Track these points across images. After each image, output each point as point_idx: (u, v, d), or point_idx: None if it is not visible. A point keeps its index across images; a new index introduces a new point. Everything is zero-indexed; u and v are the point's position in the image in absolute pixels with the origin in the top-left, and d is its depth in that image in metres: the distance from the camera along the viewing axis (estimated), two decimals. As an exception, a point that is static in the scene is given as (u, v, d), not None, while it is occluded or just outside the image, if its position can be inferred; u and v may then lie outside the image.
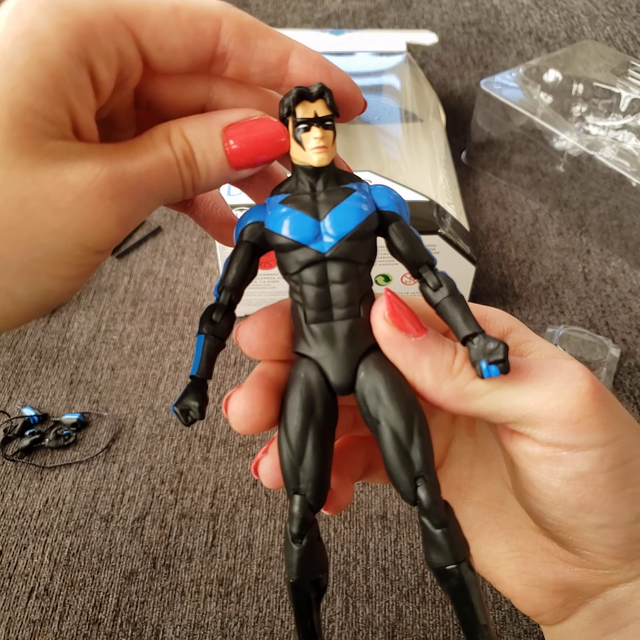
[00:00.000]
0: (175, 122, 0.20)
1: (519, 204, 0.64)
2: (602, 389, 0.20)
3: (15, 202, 0.17)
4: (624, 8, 0.91)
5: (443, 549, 0.20)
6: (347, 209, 0.20)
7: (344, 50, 0.67)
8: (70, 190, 0.17)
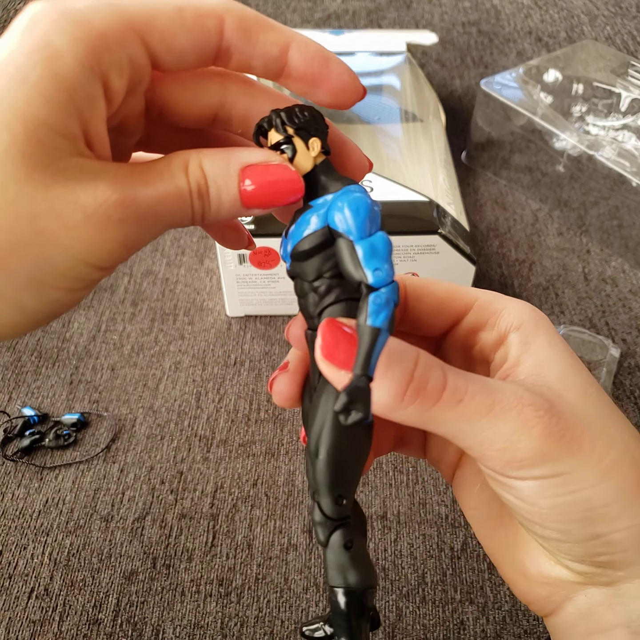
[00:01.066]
0: (195, 153, 0.20)
1: (519, 204, 0.64)
2: (559, 429, 0.20)
3: (26, 217, 0.17)
4: (624, 8, 0.91)
5: (326, 566, 0.21)
6: (296, 228, 0.21)
7: (344, 50, 0.67)
8: (80, 210, 0.18)
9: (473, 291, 0.25)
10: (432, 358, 0.20)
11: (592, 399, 0.21)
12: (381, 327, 0.18)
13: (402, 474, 0.44)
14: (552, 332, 0.23)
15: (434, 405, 0.19)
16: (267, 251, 0.48)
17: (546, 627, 0.37)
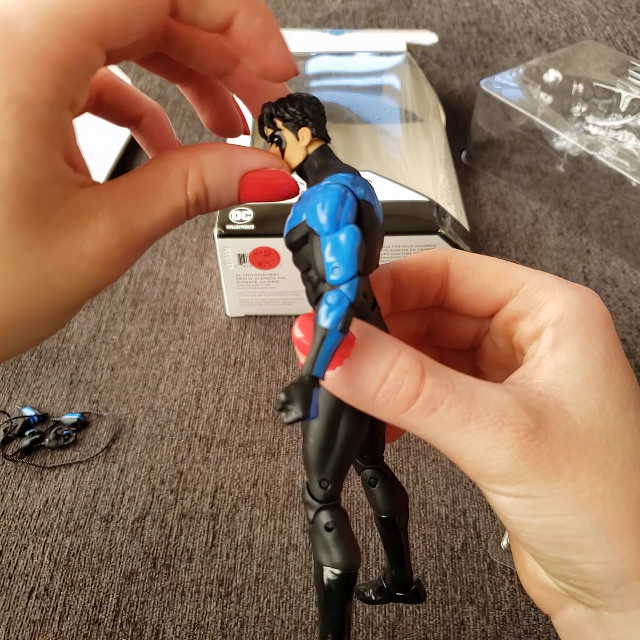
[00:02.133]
0: (195, 162, 0.20)
1: (519, 204, 0.64)
2: (538, 454, 0.18)
3: (38, 279, 0.18)
4: (624, 8, 0.91)
5: (311, 543, 0.22)
6: (289, 219, 0.21)
7: (344, 50, 0.67)
8: (84, 260, 0.18)
9: (523, 274, 0.22)
10: (412, 359, 0.19)
11: (605, 419, 0.19)
12: (329, 328, 0.17)
13: (402, 474, 0.44)
14: (593, 334, 0.20)
15: (404, 412, 0.19)
16: (267, 251, 0.48)
17: (546, 628, 0.37)
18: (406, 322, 0.24)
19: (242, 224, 0.47)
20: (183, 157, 0.20)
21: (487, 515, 0.42)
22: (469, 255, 0.24)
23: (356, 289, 0.18)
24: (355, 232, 0.19)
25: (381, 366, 0.19)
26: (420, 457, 0.45)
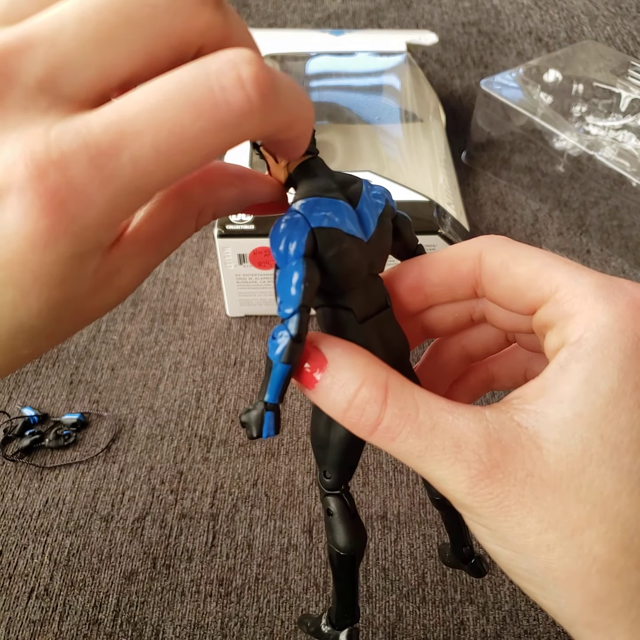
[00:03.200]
0: (212, 201, 0.21)
1: (519, 204, 0.64)
2: (489, 492, 0.18)
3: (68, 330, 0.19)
4: (624, 8, 0.91)
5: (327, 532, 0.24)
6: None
7: (344, 50, 0.67)
8: (105, 306, 0.19)
9: (559, 278, 0.20)
10: (375, 390, 0.19)
11: (587, 463, 0.17)
12: (273, 360, 0.19)
13: (402, 474, 0.44)
14: (611, 360, 0.18)
15: (369, 436, 0.19)
16: (267, 251, 0.48)
17: (546, 628, 0.37)
18: (455, 311, 0.24)
19: (242, 224, 0.47)
20: (200, 195, 0.21)
21: (487, 515, 0.42)
22: (506, 249, 0.21)
23: (297, 324, 0.19)
24: (297, 267, 0.19)
25: (346, 393, 0.19)
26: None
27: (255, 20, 0.86)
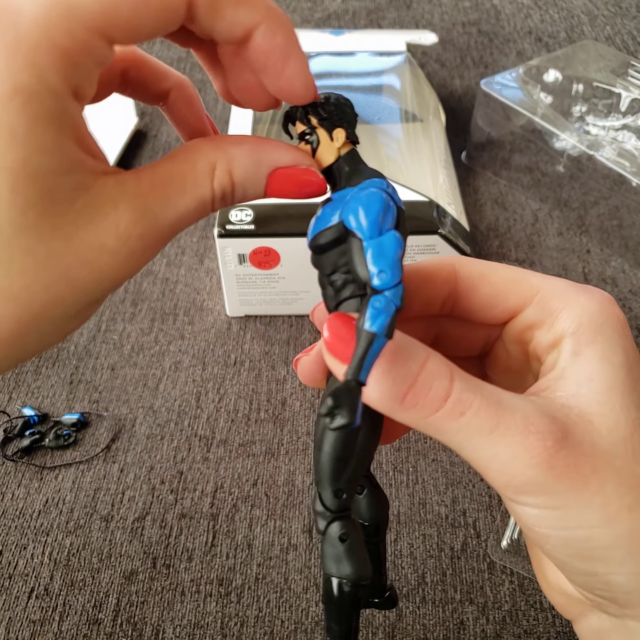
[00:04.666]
0: (224, 155, 0.20)
1: (519, 204, 0.64)
2: (565, 464, 0.18)
3: (58, 272, 0.18)
4: (624, 8, 0.91)
5: (321, 554, 0.21)
6: (315, 221, 0.21)
7: (344, 50, 0.67)
8: (105, 252, 0.18)
9: (536, 281, 0.22)
10: (441, 364, 0.19)
11: (632, 427, 0.19)
12: (377, 333, 0.17)
13: (402, 474, 0.44)
14: (613, 340, 0.20)
15: (433, 414, 0.18)
16: (267, 251, 0.48)
17: (546, 628, 0.37)
18: (410, 330, 0.23)
19: (242, 224, 0.47)
20: (211, 149, 0.20)
21: (487, 515, 0.42)
22: (481, 263, 0.23)
23: (402, 295, 0.18)
24: (399, 238, 0.19)
25: (411, 369, 0.19)
26: (420, 457, 0.45)
27: (255, 20, 0.86)
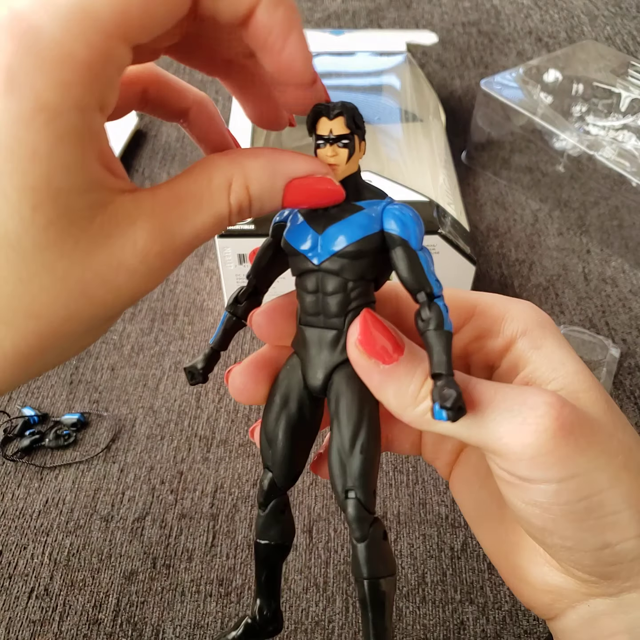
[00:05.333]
0: (240, 169, 0.20)
1: (519, 204, 0.64)
2: (570, 423, 0.19)
3: (77, 290, 0.18)
4: (624, 8, 0.91)
5: (357, 562, 0.21)
6: (346, 226, 0.21)
7: (344, 50, 0.67)
8: (123, 270, 0.18)
9: (472, 297, 0.24)
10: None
11: (604, 401, 0.21)
12: (451, 331, 0.20)
13: (402, 474, 0.44)
14: (558, 333, 0.23)
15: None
16: (267, 251, 0.48)
17: (547, 627, 0.37)
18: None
19: (242, 224, 0.47)
20: (227, 164, 0.20)
21: (487, 515, 0.42)
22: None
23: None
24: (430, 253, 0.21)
25: (422, 369, 0.21)
26: (420, 457, 0.45)
27: (255, 20, 0.86)
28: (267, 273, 0.24)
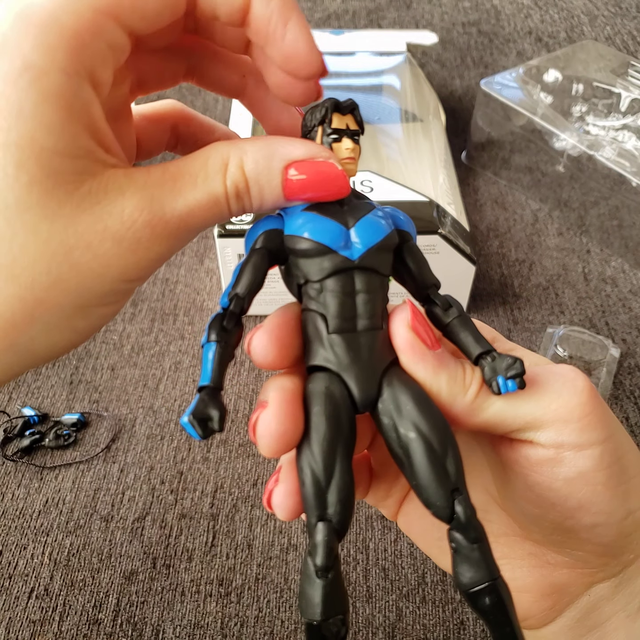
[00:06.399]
0: (236, 150, 0.19)
1: (519, 204, 0.64)
2: (594, 387, 0.21)
3: (60, 254, 0.17)
4: (624, 8, 0.91)
5: (480, 565, 0.19)
6: (373, 222, 0.21)
7: (344, 50, 0.67)
8: (109, 237, 0.18)
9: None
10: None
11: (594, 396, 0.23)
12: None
13: (402, 474, 0.44)
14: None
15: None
16: (267, 251, 0.48)
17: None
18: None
19: (242, 223, 0.47)
20: (224, 146, 0.19)
21: (487, 515, 0.42)
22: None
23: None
24: None
25: (459, 359, 0.21)
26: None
27: (255, 20, 0.86)
28: (255, 290, 0.21)
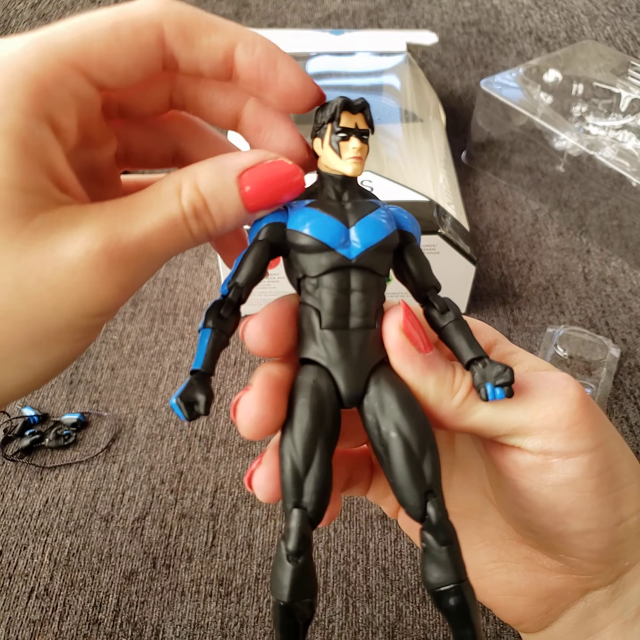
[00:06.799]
0: (187, 175, 0.19)
1: (519, 204, 0.64)
2: (587, 396, 0.21)
3: (11, 285, 0.17)
4: (624, 8, 0.91)
5: (448, 566, 0.19)
6: (374, 221, 0.21)
7: (344, 50, 0.67)
8: (63, 267, 0.17)
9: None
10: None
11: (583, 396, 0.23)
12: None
13: (402, 474, 0.44)
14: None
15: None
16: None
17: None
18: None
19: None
20: (176, 174, 0.19)
21: (487, 515, 0.42)
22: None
23: None
24: None
25: (449, 362, 0.21)
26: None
27: (255, 20, 0.86)
28: (255, 281, 0.21)
